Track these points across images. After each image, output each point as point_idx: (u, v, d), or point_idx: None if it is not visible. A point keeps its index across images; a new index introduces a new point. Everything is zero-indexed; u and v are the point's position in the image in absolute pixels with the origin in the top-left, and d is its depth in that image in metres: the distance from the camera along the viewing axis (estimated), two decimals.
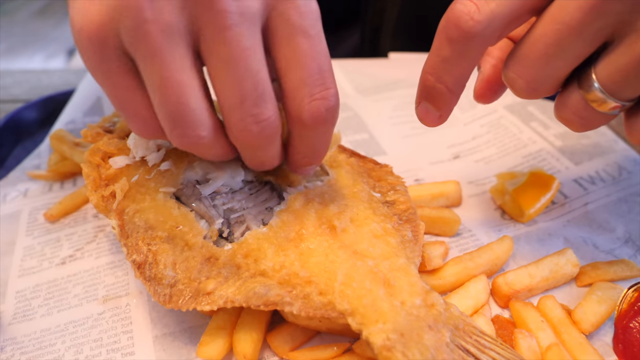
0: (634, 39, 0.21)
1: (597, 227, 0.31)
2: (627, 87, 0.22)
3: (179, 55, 0.20)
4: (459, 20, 0.22)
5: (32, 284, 0.28)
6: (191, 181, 0.26)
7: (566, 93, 0.24)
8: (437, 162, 0.38)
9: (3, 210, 0.33)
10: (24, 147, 0.41)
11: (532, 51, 0.22)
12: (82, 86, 0.45)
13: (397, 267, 0.23)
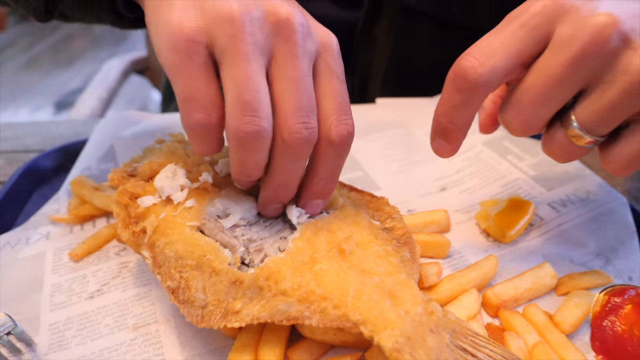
0: (603, 89, 0.26)
1: (571, 243, 0.35)
2: (600, 126, 0.27)
3: (258, 64, 0.26)
4: (465, 73, 0.27)
5: (63, 317, 0.30)
6: (213, 216, 0.29)
7: (551, 131, 0.29)
8: (426, 194, 0.42)
9: (28, 252, 0.36)
10: (41, 193, 0.44)
11: (523, 99, 0.28)
12: (95, 135, 0.48)
13: (400, 282, 0.26)
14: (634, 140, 0.28)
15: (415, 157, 0.47)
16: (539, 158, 0.44)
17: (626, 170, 0.29)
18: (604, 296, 0.29)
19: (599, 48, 0.25)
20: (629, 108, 0.27)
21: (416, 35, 0.61)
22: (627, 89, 0.26)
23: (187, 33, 0.26)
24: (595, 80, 0.27)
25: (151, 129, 0.49)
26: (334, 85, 0.29)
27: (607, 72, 0.26)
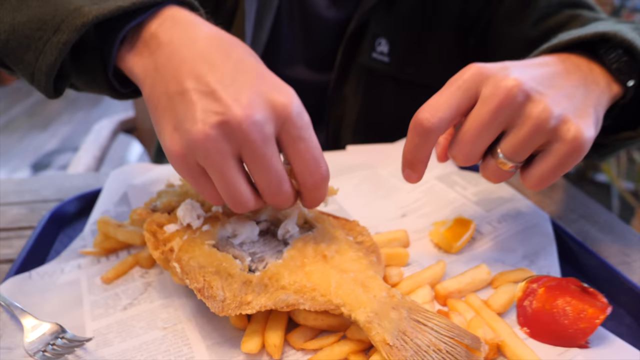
0: (516, 130, 0.36)
1: (504, 250, 0.45)
2: (517, 156, 0.37)
3: (234, 168, 0.32)
4: (422, 123, 0.37)
5: (104, 324, 0.37)
6: (224, 236, 0.38)
7: (485, 161, 0.39)
8: (390, 220, 0.51)
9: (65, 279, 0.43)
10: (65, 234, 0.52)
11: (463, 138, 0.37)
12: (108, 184, 0.56)
13: (369, 276, 0.35)
14: (541, 164, 0.38)
15: (381, 192, 0.56)
16: (480, 187, 0.54)
17: (538, 186, 0.39)
18: (525, 284, 0.38)
19: (510, 102, 0.36)
20: (535, 142, 0.37)
21: (380, 93, 0.73)
22: (532, 129, 0.36)
23: (176, 154, 0.33)
24: (511, 124, 0.37)
25: (157, 177, 0.57)
26: (300, 151, 0.34)
27: (518, 118, 0.37)
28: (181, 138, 0.32)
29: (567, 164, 0.37)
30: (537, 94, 0.36)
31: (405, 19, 0.69)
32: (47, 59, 0.37)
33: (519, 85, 0.36)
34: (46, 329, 0.36)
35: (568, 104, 0.37)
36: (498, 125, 0.37)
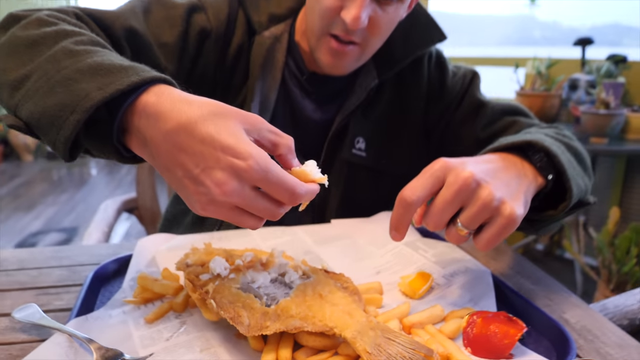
0: (470, 207, 0.52)
1: (455, 296, 0.58)
2: (471, 225, 0.52)
3: (256, 200, 0.43)
4: (405, 199, 0.52)
5: (154, 350, 0.49)
6: (246, 282, 0.51)
7: (449, 228, 0.54)
8: (368, 276, 0.64)
9: (114, 321, 0.54)
10: (105, 289, 0.63)
11: (434, 211, 0.52)
12: (137, 249, 0.68)
13: (353, 308, 0.48)
14: (487, 232, 0.53)
15: (360, 256, 0.70)
16: (437, 250, 0.69)
17: (486, 247, 0.53)
18: (468, 316, 0.52)
19: (466, 187, 0.51)
20: (483, 216, 0.52)
21: (358, 181, 0.87)
22: (480, 207, 0.51)
23: (199, 215, 0.45)
24: (466, 203, 0.52)
25: (177, 244, 0.70)
26: (273, 190, 0.43)
27: (471, 199, 0.52)
28: (194, 208, 0.45)
29: (505, 233, 0.53)
30: (484, 182, 0.52)
31: (379, 122, 0.87)
32: (64, 133, 0.46)
33: (472, 176, 0.51)
34: (110, 352, 0.47)
35: (506, 190, 0.53)
36: (458, 203, 0.52)
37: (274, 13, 0.83)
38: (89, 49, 0.53)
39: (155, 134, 0.44)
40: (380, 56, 0.82)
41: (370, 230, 0.76)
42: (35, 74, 0.51)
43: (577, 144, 0.70)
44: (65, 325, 0.51)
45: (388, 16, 0.72)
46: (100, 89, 0.46)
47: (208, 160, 0.42)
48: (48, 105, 0.48)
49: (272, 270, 0.54)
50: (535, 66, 2.39)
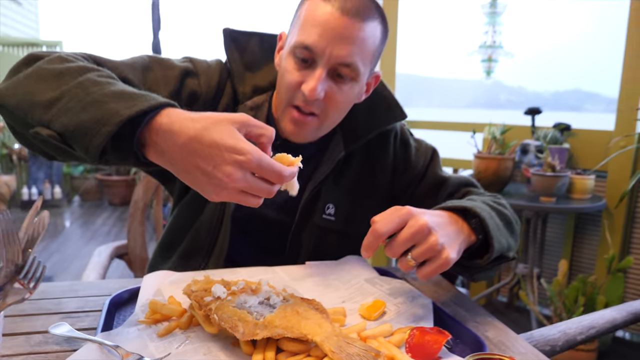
0: (420, 247, 0.70)
1: (402, 318, 0.74)
2: (418, 259, 0.71)
3: (256, 183, 0.59)
4: (377, 230, 0.70)
5: (167, 355, 0.63)
6: (240, 303, 0.66)
7: (402, 257, 0.72)
8: (334, 304, 0.80)
9: (132, 335, 0.68)
10: (120, 313, 0.77)
11: (395, 244, 0.70)
12: (144, 282, 0.82)
13: (322, 321, 0.64)
14: (428, 267, 0.71)
15: (328, 290, 0.85)
16: (391, 285, 0.85)
17: (425, 278, 0.71)
18: (410, 330, 0.67)
19: (421, 231, 0.69)
20: (428, 255, 0.70)
21: (327, 241, 0.99)
22: (428, 248, 0.70)
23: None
24: (418, 242, 0.70)
25: (178, 278, 0.85)
26: (267, 175, 0.59)
27: (422, 240, 0.70)
28: (209, 196, 0.61)
29: (441, 269, 0.71)
30: (434, 230, 0.71)
31: (348, 189, 0.98)
32: (97, 140, 0.58)
33: (427, 224, 0.70)
34: (134, 356, 0.61)
35: (447, 239, 0.72)
36: (412, 242, 0.70)
37: (258, 85, 0.95)
38: (110, 80, 0.67)
39: (171, 147, 0.59)
40: (347, 130, 0.96)
41: (337, 270, 0.92)
42: (66, 97, 0.63)
43: (507, 211, 0.90)
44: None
45: (343, 93, 0.84)
46: (127, 108, 0.59)
47: (217, 159, 0.57)
48: (82, 119, 0.60)
49: (260, 295, 0.69)
50: (490, 132, 2.66)
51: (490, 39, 2.68)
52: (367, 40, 0.81)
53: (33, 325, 0.73)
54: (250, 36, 0.97)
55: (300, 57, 0.82)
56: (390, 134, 1.01)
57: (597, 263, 2.58)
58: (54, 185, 5.60)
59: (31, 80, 0.68)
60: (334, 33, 0.78)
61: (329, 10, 0.79)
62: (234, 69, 0.94)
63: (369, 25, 0.81)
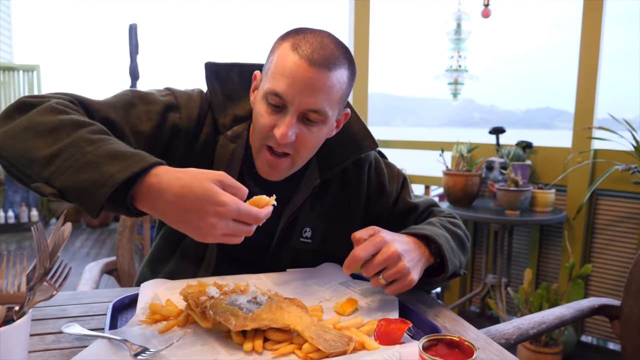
0: (390, 269, 0.84)
1: (372, 313, 0.86)
2: (388, 279, 0.84)
3: (239, 227, 0.70)
4: (356, 255, 0.83)
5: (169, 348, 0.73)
6: (231, 301, 0.77)
7: (374, 277, 0.85)
8: (312, 304, 0.91)
9: (136, 333, 0.78)
10: (122, 316, 0.86)
11: (371, 266, 0.84)
12: (142, 289, 0.90)
13: (302, 314, 0.74)
14: (395, 285, 0.84)
15: (307, 292, 0.96)
16: (363, 287, 0.96)
17: (392, 294, 0.84)
18: (378, 321, 0.79)
19: (392, 258, 0.82)
20: (396, 276, 0.83)
21: (304, 262, 1.05)
22: (396, 271, 0.83)
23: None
24: (390, 266, 0.83)
25: (172, 285, 0.94)
26: (246, 219, 0.69)
27: (393, 264, 0.83)
28: (199, 239, 0.71)
29: (405, 289, 0.85)
30: (403, 257, 0.83)
31: (324, 213, 1.05)
32: (96, 201, 0.66)
33: (397, 251, 0.83)
34: (140, 348, 0.70)
35: (412, 264, 0.85)
36: (384, 265, 0.83)
37: (238, 115, 0.99)
38: (102, 137, 0.73)
39: (161, 204, 0.68)
40: (322, 159, 1.02)
41: (315, 275, 1.03)
42: (62, 155, 0.69)
43: (460, 231, 1.04)
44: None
45: (312, 134, 0.89)
46: (120, 171, 0.66)
47: (201, 213, 0.67)
48: (80, 181, 0.67)
49: (248, 295, 0.80)
50: (458, 150, 2.83)
51: (456, 64, 2.86)
52: (334, 87, 0.86)
53: (44, 327, 0.82)
54: (231, 67, 1.01)
55: (273, 103, 0.87)
56: (365, 163, 1.08)
57: (560, 271, 2.75)
58: (31, 208, 5.57)
59: (28, 135, 0.72)
60: (302, 84, 0.84)
61: (298, 60, 0.83)
62: (214, 101, 0.99)
63: (335, 74, 0.85)
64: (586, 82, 2.58)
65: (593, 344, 2.77)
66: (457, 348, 0.66)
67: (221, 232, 0.68)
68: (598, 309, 1.27)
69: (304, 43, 0.85)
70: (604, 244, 2.66)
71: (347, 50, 0.90)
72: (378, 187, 1.10)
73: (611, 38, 41.90)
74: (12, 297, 0.57)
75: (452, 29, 2.92)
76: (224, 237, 0.70)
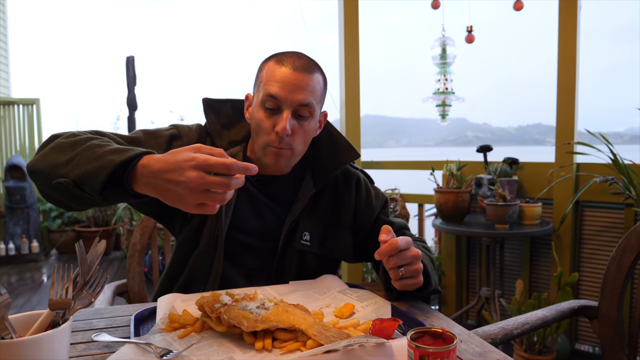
0: (411, 265, 0.97)
1: (367, 315, 0.96)
2: (406, 273, 0.96)
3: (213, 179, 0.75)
4: (394, 243, 0.94)
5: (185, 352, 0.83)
6: (243, 306, 0.87)
7: (394, 269, 0.96)
8: (314, 310, 1.01)
9: (157, 339, 0.87)
10: (143, 326, 0.96)
11: (400, 258, 0.96)
12: (159, 303, 1.01)
13: (305, 316, 0.85)
14: (408, 281, 0.95)
15: (309, 300, 1.06)
16: (359, 294, 1.06)
17: (402, 288, 0.97)
18: (373, 321, 0.89)
19: (417, 257, 0.96)
20: (413, 273, 0.96)
21: (306, 262, 1.18)
22: (414, 269, 0.98)
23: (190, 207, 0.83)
24: (413, 263, 0.96)
25: (187, 298, 1.04)
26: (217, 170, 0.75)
27: (414, 263, 0.96)
28: (187, 207, 0.80)
29: (414, 286, 0.99)
30: (420, 259, 0.95)
31: (320, 220, 1.19)
32: (100, 179, 0.82)
33: (418, 254, 0.95)
34: (164, 350, 0.80)
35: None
36: (411, 260, 0.95)
37: (233, 139, 1.19)
38: (109, 142, 0.92)
39: (149, 176, 0.80)
40: (315, 171, 1.20)
41: (315, 285, 1.14)
42: (77, 157, 0.87)
43: (432, 255, 1.19)
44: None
45: (304, 128, 1.08)
46: (119, 157, 0.82)
47: (179, 171, 0.76)
48: (89, 168, 0.84)
49: (257, 301, 0.90)
50: (448, 168, 2.95)
51: (443, 86, 3.01)
52: (315, 86, 1.07)
53: (75, 338, 0.91)
54: (224, 102, 1.23)
55: (269, 107, 1.06)
56: (353, 179, 1.25)
57: (550, 281, 2.84)
58: (32, 239, 5.63)
59: (54, 151, 0.93)
60: (291, 85, 1.04)
61: (284, 69, 1.05)
62: (212, 129, 1.19)
63: (314, 77, 1.07)
64: (565, 99, 2.73)
65: (586, 351, 2.85)
66: (441, 338, 0.76)
67: (199, 182, 0.75)
68: (578, 309, 1.37)
69: (285, 58, 1.07)
70: (591, 252, 2.77)
71: (318, 63, 1.10)
72: (366, 202, 1.27)
73: (585, 54, 43.18)
74: (59, 304, 0.67)
75: (437, 54, 3.08)
76: (204, 194, 0.77)
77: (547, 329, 2.42)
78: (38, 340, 0.61)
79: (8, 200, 5.54)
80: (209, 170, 0.76)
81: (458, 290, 3.28)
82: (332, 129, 1.23)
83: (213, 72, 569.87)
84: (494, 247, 2.83)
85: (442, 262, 3.31)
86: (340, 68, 3.13)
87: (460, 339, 0.89)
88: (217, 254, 1.15)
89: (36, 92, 33.76)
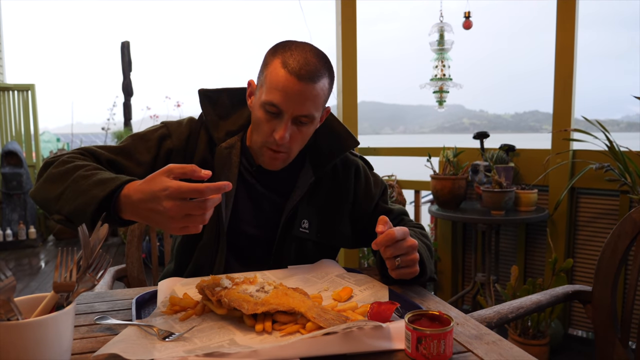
0: (407, 255, 0.98)
1: (365, 299, 0.97)
2: (402, 263, 0.98)
3: (189, 205, 0.78)
4: (392, 233, 0.95)
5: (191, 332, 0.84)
6: (243, 289, 0.88)
7: (391, 259, 0.97)
8: (315, 292, 1.03)
9: (158, 321, 0.89)
10: (144, 309, 0.97)
11: (397, 248, 0.97)
12: (160, 287, 1.02)
13: (304, 299, 0.86)
14: (404, 270, 0.97)
15: (308, 284, 1.08)
16: (357, 278, 1.08)
17: (398, 277, 0.99)
18: (370, 305, 0.91)
19: (414, 247, 0.97)
20: (409, 263, 0.98)
21: (305, 249, 1.19)
22: (412, 259, 1.01)
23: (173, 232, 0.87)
24: (408, 253, 0.97)
25: (187, 282, 1.06)
26: (192, 195, 0.77)
27: (410, 253, 0.97)
28: (171, 232, 0.83)
29: (410, 275, 1.00)
30: (416, 249, 0.97)
31: (319, 207, 1.20)
32: (87, 216, 0.87)
33: (414, 244, 0.96)
34: (165, 332, 0.82)
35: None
36: (407, 250, 0.96)
37: (230, 130, 1.18)
38: (93, 172, 0.94)
39: (132, 206, 0.84)
40: (314, 159, 1.20)
41: (314, 269, 1.15)
42: (67, 191, 0.93)
43: (428, 241, 1.21)
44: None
45: (302, 133, 1.07)
46: (101, 191, 0.88)
47: (156, 200, 0.79)
48: (77, 204, 0.90)
49: (257, 285, 0.92)
50: (445, 155, 2.96)
51: (440, 73, 3.01)
52: (319, 95, 1.04)
53: (77, 321, 0.93)
54: (221, 92, 1.21)
55: (270, 111, 1.04)
56: (352, 166, 1.26)
57: (545, 267, 2.88)
58: (29, 226, 5.63)
59: (47, 184, 0.99)
60: (294, 96, 1.01)
61: (288, 76, 1.00)
62: (208, 120, 1.18)
63: (319, 85, 1.03)
64: (562, 86, 2.74)
65: (580, 336, 2.90)
66: (438, 321, 0.78)
67: (177, 210, 0.78)
68: (572, 294, 1.39)
69: (291, 60, 1.00)
70: (586, 239, 2.80)
71: (327, 59, 1.06)
72: (365, 189, 1.27)
73: (583, 41, 41.64)
74: (64, 286, 0.68)
75: (435, 40, 3.07)
76: (185, 219, 0.79)
77: (541, 314, 2.46)
78: (43, 321, 0.62)
79: (5, 187, 5.53)
80: (183, 197, 0.78)
81: (454, 275, 3.32)
82: (332, 117, 1.23)
83: (209, 58, 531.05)
84: (490, 233, 2.86)
85: (438, 248, 3.34)
86: (338, 55, 3.12)
87: (456, 322, 0.91)
88: (220, 245, 1.17)
89: (31, 78, 33.07)
